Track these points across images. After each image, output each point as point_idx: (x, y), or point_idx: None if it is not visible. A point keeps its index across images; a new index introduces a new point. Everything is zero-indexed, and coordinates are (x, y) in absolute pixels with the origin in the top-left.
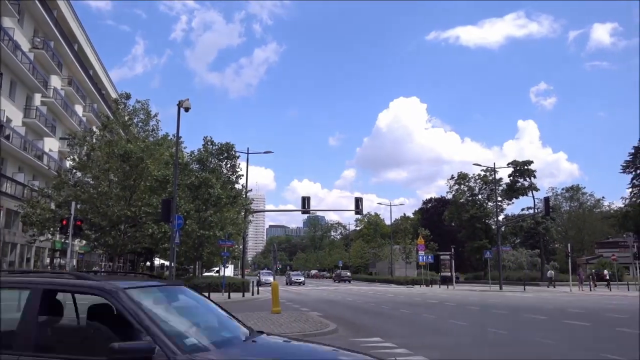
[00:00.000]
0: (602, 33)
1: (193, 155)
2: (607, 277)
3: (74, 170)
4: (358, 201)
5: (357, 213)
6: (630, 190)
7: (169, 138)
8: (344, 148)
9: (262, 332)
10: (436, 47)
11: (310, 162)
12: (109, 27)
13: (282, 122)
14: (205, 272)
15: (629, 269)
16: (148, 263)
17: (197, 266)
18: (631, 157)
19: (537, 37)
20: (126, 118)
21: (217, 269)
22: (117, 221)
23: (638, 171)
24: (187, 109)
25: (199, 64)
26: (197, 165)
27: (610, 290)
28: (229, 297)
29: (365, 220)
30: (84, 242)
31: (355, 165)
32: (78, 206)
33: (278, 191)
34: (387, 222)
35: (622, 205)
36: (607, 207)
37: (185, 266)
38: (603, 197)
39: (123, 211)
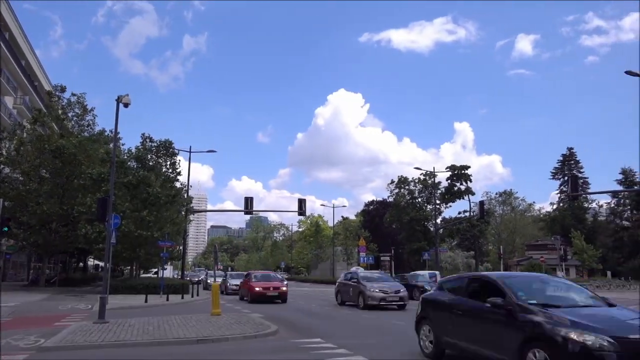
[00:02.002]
0: (525, 44)
1: (131, 152)
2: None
3: (2, 166)
4: (301, 202)
5: (300, 214)
6: (559, 195)
7: (106, 134)
8: (280, 146)
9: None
10: (369, 49)
11: (247, 160)
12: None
13: (217, 117)
14: (143, 273)
15: (556, 270)
16: (81, 264)
17: (134, 267)
18: (559, 164)
19: (464, 44)
20: (60, 112)
21: (155, 270)
22: (47, 220)
23: (566, 178)
24: (126, 105)
25: (124, 52)
26: (135, 163)
27: None
28: (167, 300)
29: (308, 221)
30: (11, 241)
31: (290, 164)
32: (5, 204)
33: (216, 190)
34: (328, 223)
35: (551, 210)
36: (537, 211)
37: (122, 267)
38: (534, 202)
39: (54, 209)
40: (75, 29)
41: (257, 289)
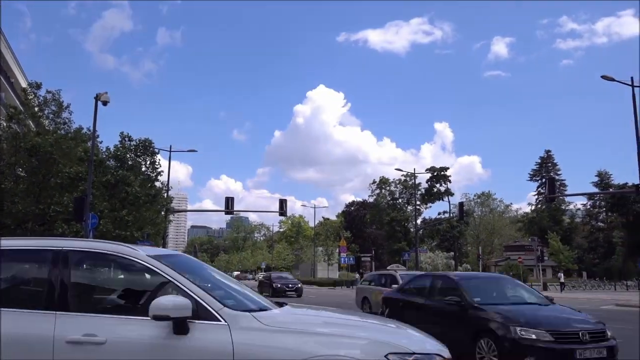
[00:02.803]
0: (501, 46)
1: (109, 151)
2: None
3: None
4: (282, 203)
5: (281, 214)
6: (536, 197)
7: (83, 132)
8: (258, 144)
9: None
10: (347, 49)
11: (225, 158)
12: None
13: (193, 114)
14: None
15: (533, 271)
16: None
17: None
18: (537, 166)
19: (441, 45)
20: (36, 109)
21: None
22: (23, 219)
23: (543, 180)
24: (105, 103)
25: (94, 46)
26: (114, 162)
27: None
28: None
29: (289, 222)
30: None
31: (267, 163)
32: None
33: (195, 189)
34: (309, 224)
35: (529, 211)
36: (515, 213)
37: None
38: (511, 203)
39: (30, 208)
40: (44, 21)
41: (277, 285)
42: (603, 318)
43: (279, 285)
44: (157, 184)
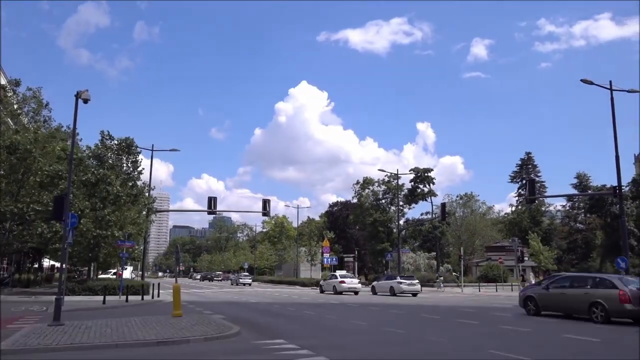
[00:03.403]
0: (480, 48)
1: (90, 149)
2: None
3: None
4: (265, 203)
5: (264, 215)
6: (517, 198)
7: (63, 129)
8: (238, 142)
9: None
10: (328, 48)
11: (206, 157)
12: None
13: (174, 112)
14: (102, 274)
15: (514, 271)
16: (36, 264)
17: (92, 268)
18: (518, 168)
19: (421, 46)
20: (15, 107)
21: (114, 270)
22: (2, 218)
23: (524, 181)
24: (85, 101)
25: (69, 42)
26: (94, 161)
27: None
28: (127, 301)
29: (272, 222)
30: None
31: (248, 162)
32: None
33: (176, 189)
34: (293, 224)
35: (510, 212)
36: (497, 214)
37: (79, 268)
38: (493, 205)
39: (9, 207)
40: (17, 15)
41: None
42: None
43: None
44: (139, 182)
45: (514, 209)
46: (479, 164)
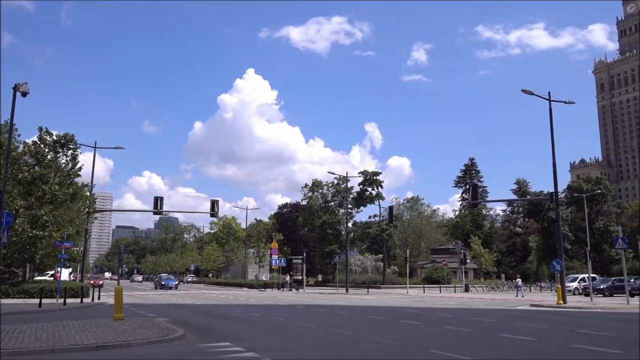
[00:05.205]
0: (421, 53)
1: (27, 145)
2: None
3: None
4: (214, 203)
5: (212, 215)
6: (460, 202)
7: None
8: (178, 137)
9: None
10: (270, 45)
11: (148, 153)
12: None
13: (112, 107)
14: (38, 275)
15: (456, 273)
16: None
17: (27, 269)
18: (462, 173)
19: (362, 46)
20: None
21: (52, 272)
22: None
23: (467, 186)
24: (24, 94)
25: None
26: (30, 159)
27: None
28: (65, 304)
29: (220, 223)
30: None
31: (189, 158)
32: None
33: (116, 186)
34: (241, 225)
35: (453, 216)
36: (441, 217)
37: (14, 269)
38: (438, 208)
39: None
40: None
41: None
42: (518, 318)
43: None
44: (78, 180)
45: (457, 212)
46: (424, 165)
